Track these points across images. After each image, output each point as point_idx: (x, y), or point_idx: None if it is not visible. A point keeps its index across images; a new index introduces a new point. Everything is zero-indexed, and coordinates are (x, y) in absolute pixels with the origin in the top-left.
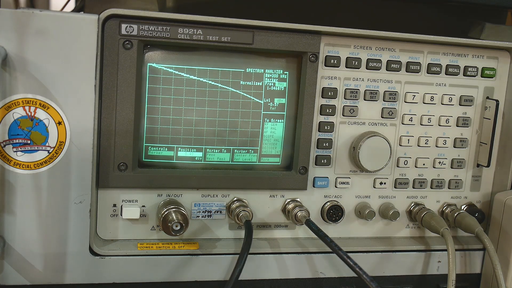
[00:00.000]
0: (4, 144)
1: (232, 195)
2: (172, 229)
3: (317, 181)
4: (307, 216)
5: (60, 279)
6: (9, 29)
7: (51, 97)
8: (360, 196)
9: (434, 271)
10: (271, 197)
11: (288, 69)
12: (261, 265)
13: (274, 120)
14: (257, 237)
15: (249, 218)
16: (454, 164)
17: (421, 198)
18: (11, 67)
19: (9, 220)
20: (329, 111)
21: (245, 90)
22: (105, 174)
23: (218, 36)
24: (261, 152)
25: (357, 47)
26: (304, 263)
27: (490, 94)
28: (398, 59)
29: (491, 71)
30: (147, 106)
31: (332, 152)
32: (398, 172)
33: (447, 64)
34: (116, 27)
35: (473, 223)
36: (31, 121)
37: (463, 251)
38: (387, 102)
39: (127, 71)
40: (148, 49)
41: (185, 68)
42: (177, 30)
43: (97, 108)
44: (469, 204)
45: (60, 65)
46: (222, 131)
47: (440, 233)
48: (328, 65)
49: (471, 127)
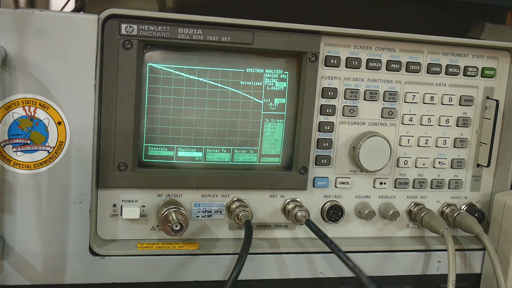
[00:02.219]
0: (4, 144)
1: (232, 195)
2: (172, 229)
3: (317, 181)
4: (307, 216)
5: (60, 279)
6: (9, 29)
7: (51, 97)
8: (360, 196)
9: (434, 271)
10: (271, 197)
11: (288, 69)
12: (261, 265)
13: (274, 120)
14: (257, 237)
15: (249, 218)
16: (454, 164)
17: (421, 198)
18: (11, 67)
19: (9, 220)
20: (329, 111)
21: (245, 90)
22: (105, 174)
23: (218, 36)
24: (261, 152)
25: (357, 47)
26: (304, 263)
27: (490, 94)
28: (398, 59)
29: (491, 71)
30: (147, 106)
31: (332, 152)
32: (398, 172)
33: (447, 64)
34: (116, 27)
35: (473, 223)
36: (31, 121)
37: (463, 251)
38: (387, 102)
39: (127, 71)
40: (148, 49)
41: (185, 68)
42: (177, 30)
43: (97, 108)
44: (469, 204)
45: (60, 65)
46: (222, 131)
47: (440, 233)
48: (328, 65)
49: (471, 127)
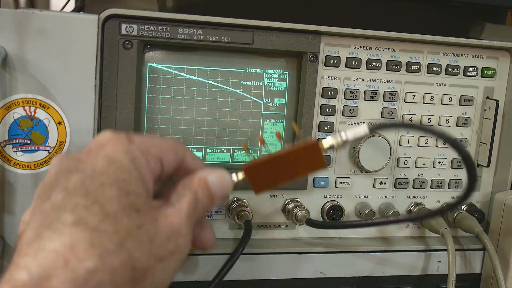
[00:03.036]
0: (4, 144)
1: (232, 195)
2: None
3: (317, 181)
4: (307, 216)
5: None
6: (9, 29)
7: (51, 97)
8: (360, 196)
9: (434, 271)
10: (271, 197)
11: (288, 69)
12: (261, 265)
13: (274, 120)
14: (257, 237)
15: (249, 218)
16: (454, 164)
17: (421, 198)
18: (11, 67)
19: (9, 220)
20: (329, 111)
21: (245, 90)
22: None
23: (218, 36)
24: (261, 152)
25: (357, 47)
26: (304, 263)
27: (490, 94)
28: (398, 59)
29: (491, 71)
30: (147, 106)
31: (332, 152)
32: (398, 172)
33: (447, 64)
34: (116, 27)
35: (473, 223)
36: (31, 121)
37: (463, 251)
38: (387, 102)
39: (127, 71)
40: (148, 49)
41: (185, 68)
42: (177, 30)
43: (97, 108)
44: (469, 204)
45: (60, 65)
46: (222, 131)
47: (440, 233)
48: (328, 65)
49: (471, 127)
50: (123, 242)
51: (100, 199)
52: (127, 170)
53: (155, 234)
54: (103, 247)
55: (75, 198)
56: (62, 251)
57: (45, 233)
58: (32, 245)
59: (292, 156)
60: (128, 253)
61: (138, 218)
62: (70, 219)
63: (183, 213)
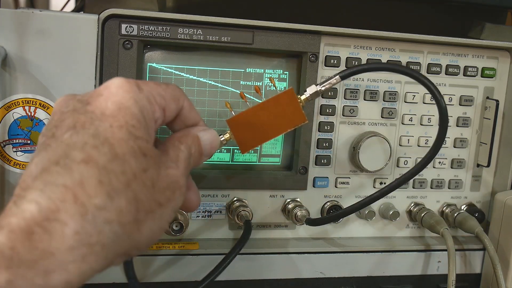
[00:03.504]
0: (4, 144)
1: (232, 195)
2: (172, 229)
3: (317, 181)
4: (307, 216)
5: None
6: (9, 29)
7: (51, 97)
8: (360, 196)
9: (434, 271)
10: (271, 197)
11: (288, 69)
12: (261, 265)
13: None
14: (257, 237)
15: (249, 218)
16: (454, 164)
17: (421, 198)
18: (11, 67)
19: None
20: (329, 111)
21: (245, 90)
22: None
23: (218, 36)
24: (261, 152)
25: (357, 47)
26: (304, 263)
27: (490, 94)
28: (398, 59)
29: (491, 71)
30: None
31: (332, 152)
32: (398, 172)
33: (447, 64)
34: (116, 27)
35: (473, 223)
36: (31, 121)
37: (463, 251)
38: (387, 102)
39: (127, 71)
40: (148, 49)
41: (185, 68)
42: (177, 30)
43: None
44: (469, 204)
45: (60, 65)
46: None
47: (440, 233)
48: (328, 65)
49: (471, 127)
50: (130, 183)
51: (110, 139)
52: (136, 117)
53: (158, 180)
54: (111, 186)
55: (83, 137)
56: (72, 187)
57: (53, 168)
58: (38, 179)
59: (271, 107)
60: (134, 194)
61: (145, 162)
62: (79, 157)
63: (180, 166)
